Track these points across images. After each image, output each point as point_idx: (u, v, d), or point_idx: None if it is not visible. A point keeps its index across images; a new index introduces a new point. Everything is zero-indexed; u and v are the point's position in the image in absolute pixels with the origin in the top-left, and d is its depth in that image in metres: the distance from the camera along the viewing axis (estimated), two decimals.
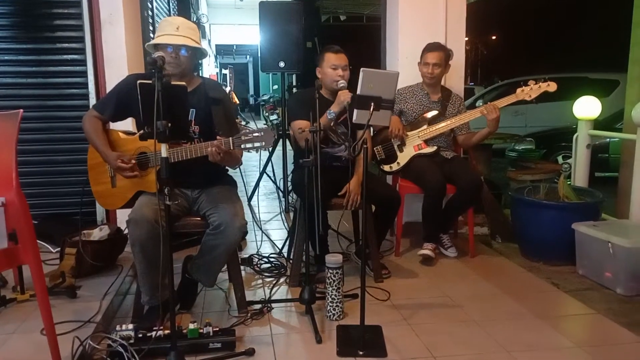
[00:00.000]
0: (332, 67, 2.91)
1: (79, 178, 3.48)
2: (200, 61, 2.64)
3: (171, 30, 2.36)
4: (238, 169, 2.71)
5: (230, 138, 2.16)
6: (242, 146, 2.15)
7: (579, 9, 16.01)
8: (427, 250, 3.24)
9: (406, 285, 2.99)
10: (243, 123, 5.79)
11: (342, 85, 2.80)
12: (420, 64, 3.40)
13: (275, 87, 16.80)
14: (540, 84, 3.14)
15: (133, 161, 2.37)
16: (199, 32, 2.47)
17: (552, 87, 3.12)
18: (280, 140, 4.74)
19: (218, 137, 2.23)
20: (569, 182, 3.67)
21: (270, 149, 4.15)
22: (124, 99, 2.40)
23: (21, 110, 1.81)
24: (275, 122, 12.26)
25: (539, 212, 3.26)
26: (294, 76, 8.42)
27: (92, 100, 3.42)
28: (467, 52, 3.93)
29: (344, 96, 2.73)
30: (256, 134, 2.13)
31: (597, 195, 3.34)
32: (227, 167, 2.62)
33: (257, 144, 2.13)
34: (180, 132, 2.09)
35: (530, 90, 3.15)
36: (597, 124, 3.87)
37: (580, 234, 3.02)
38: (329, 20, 12.54)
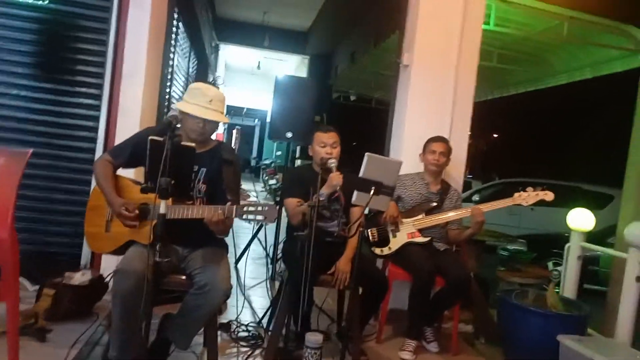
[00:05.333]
0: (321, 145, 3.00)
1: (73, 219, 3.49)
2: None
3: (204, 102, 2.41)
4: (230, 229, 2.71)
5: (235, 206, 2.18)
6: (244, 216, 2.16)
7: (580, 121, 16.60)
8: (407, 353, 3.17)
9: None
10: (251, 196, 5.85)
11: (332, 164, 2.84)
12: (425, 153, 3.50)
13: (279, 153, 17.08)
14: (538, 191, 3.19)
15: (136, 212, 2.38)
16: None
17: (549, 196, 3.18)
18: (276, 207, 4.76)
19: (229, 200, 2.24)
20: (557, 291, 3.66)
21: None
22: (137, 150, 2.43)
23: (30, 150, 1.84)
24: (273, 186, 12.38)
25: (525, 318, 3.22)
26: (298, 147, 8.63)
27: (100, 145, 3.48)
28: (469, 146, 4.04)
29: (336, 179, 2.73)
30: (260, 208, 2.15)
31: (585, 309, 3.32)
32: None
33: (258, 217, 2.14)
34: (182, 192, 2.12)
35: (528, 196, 3.20)
36: (589, 235, 3.91)
37: (565, 347, 2.97)
38: (340, 99, 12.96)
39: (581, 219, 3.77)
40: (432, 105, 3.87)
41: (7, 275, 1.76)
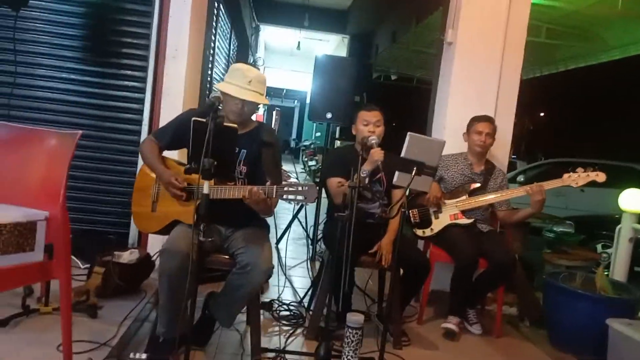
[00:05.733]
0: (364, 123, 2.96)
1: (120, 199, 3.59)
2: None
3: (243, 83, 2.41)
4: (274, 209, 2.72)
5: (275, 186, 2.18)
6: (284, 196, 2.16)
7: (634, 98, 15.87)
8: (450, 324, 3.14)
9: (425, 356, 2.89)
10: (291, 177, 5.86)
11: (373, 141, 2.80)
12: (469, 133, 3.41)
13: (318, 134, 17.08)
14: (589, 172, 3.05)
15: (185, 183, 2.41)
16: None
17: (600, 177, 3.04)
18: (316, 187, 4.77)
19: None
20: (606, 273, 3.54)
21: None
22: (180, 131, 2.46)
23: (80, 132, 1.89)
24: (313, 168, 12.43)
25: (573, 302, 3.13)
26: (338, 128, 8.58)
27: (145, 127, 3.56)
28: (514, 126, 3.92)
29: (377, 155, 2.71)
30: (300, 188, 2.15)
31: (635, 293, 3.20)
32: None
33: (299, 197, 2.14)
34: (225, 173, 2.13)
35: (578, 177, 3.07)
36: None
37: (614, 331, 2.88)
38: (380, 78, 12.79)
39: (634, 200, 3.62)
40: (476, 84, 3.76)
41: (59, 253, 1.83)
